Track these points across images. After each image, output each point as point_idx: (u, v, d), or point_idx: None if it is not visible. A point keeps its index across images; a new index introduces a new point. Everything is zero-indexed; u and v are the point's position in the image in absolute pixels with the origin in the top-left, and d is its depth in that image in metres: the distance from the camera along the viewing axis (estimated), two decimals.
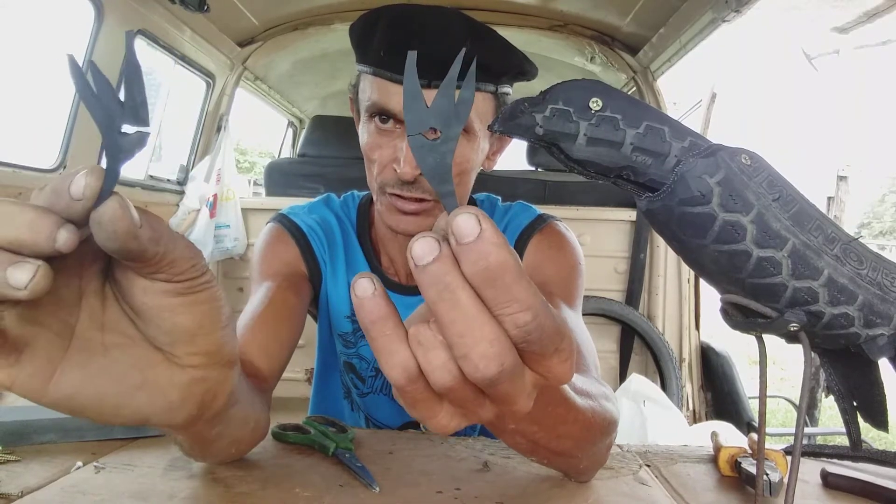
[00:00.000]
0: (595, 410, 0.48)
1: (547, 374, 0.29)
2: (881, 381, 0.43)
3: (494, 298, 0.25)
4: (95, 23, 1.63)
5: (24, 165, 1.55)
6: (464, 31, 0.71)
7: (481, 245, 0.24)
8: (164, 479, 0.55)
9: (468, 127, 0.74)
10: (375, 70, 0.73)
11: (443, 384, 0.27)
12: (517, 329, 0.26)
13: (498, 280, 0.25)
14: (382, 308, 0.27)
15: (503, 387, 0.27)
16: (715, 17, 1.65)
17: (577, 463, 0.54)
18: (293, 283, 0.81)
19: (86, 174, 0.25)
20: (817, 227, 0.36)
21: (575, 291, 0.83)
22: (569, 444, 0.48)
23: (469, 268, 0.25)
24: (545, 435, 0.44)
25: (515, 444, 0.45)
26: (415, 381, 0.27)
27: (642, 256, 2.35)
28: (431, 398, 0.28)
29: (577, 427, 0.46)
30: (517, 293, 0.25)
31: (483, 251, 0.24)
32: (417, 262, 0.25)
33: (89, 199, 0.25)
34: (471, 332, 0.25)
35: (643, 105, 0.38)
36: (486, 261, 0.25)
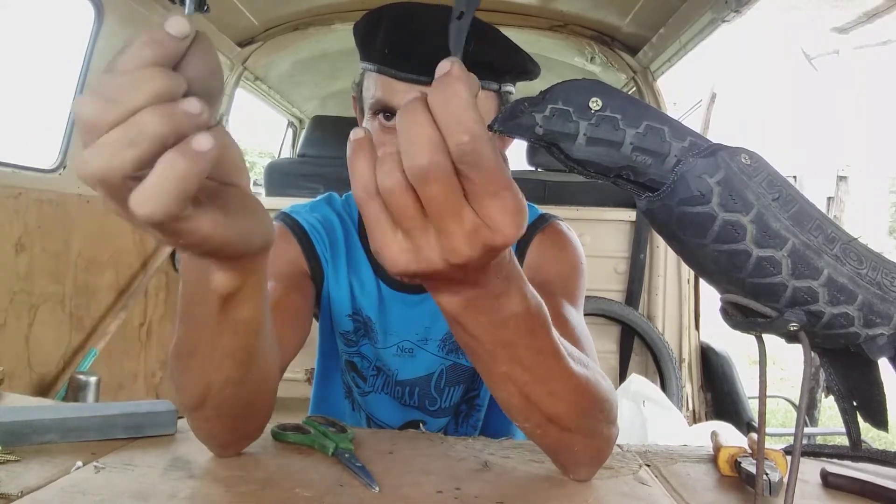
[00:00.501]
0: (588, 379, 0.50)
1: (487, 217, 0.32)
2: (881, 381, 0.43)
3: (443, 119, 0.31)
4: (95, 23, 1.63)
5: (24, 165, 1.55)
6: None
7: (445, 78, 0.31)
8: (164, 479, 0.55)
9: None
10: (380, 68, 0.73)
11: (386, 186, 0.32)
12: (455, 147, 0.31)
13: (450, 105, 0.31)
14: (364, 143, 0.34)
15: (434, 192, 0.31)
16: (715, 17, 1.65)
17: (571, 441, 0.53)
18: (296, 282, 0.81)
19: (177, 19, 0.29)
20: (817, 227, 0.36)
21: (577, 290, 0.83)
22: (562, 408, 0.48)
23: (431, 96, 0.31)
24: (537, 388, 0.45)
25: (509, 397, 0.46)
26: (372, 196, 0.33)
27: (642, 256, 2.35)
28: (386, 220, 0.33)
29: (569, 387, 0.47)
30: (463, 119, 0.31)
31: (444, 83, 0.31)
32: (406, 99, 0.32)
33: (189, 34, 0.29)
34: (416, 137, 0.31)
35: (643, 105, 0.38)
36: (444, 89, 0.31)
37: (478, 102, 0.86)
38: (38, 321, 1.63)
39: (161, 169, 0.28)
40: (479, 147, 0.31)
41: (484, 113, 0.76)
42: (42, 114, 1.80)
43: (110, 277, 1.96)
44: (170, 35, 0.28)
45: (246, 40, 2.31)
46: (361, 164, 0.33)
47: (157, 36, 0.28)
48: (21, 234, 1.55)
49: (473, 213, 0.32)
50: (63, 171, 1.66)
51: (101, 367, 1.83)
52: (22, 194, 1.53)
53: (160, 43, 0.28)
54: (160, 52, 0.28)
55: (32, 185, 1.57)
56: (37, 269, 1.61)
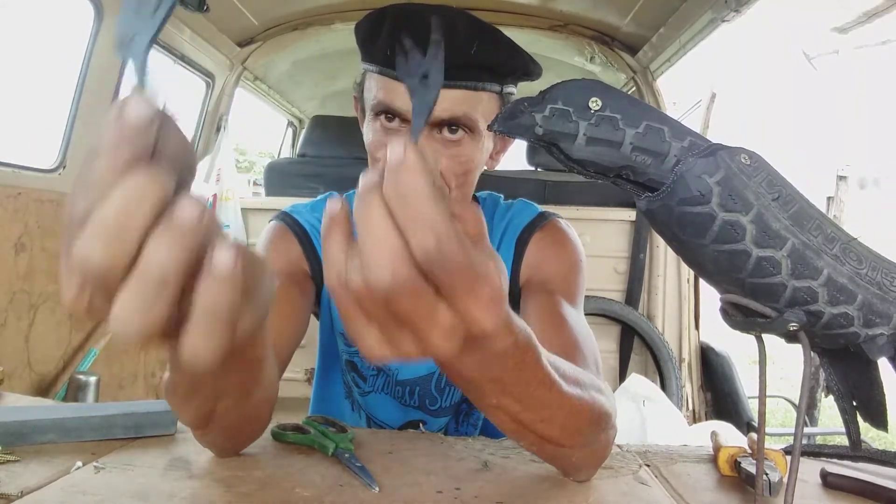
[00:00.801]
0: (584, 400, 0.48)
1: (463, 313, 0.30)
2: (881, 381, 0.43)
3: (403, 218, 0.27)
4: (95, 23, 1.63)
5: (24, 165, 1.55)
6: (470, 30, 0.72)
7: (399, 168, 0.27)
8: (164, 479, 0.55)
9: (472, 126, 0.74)
10: (381, 69, 0.73)
11: (353, 286, 0.29)
12: (419, 250, 0.27)
13: (408, 201, 0.27)
14: (340, 222, 0.30)
15: (403, 304, 0.28)
16: (714, 17, 1.65)
17: (567, 455, 0.53)
18: (297, 282, 0.81)
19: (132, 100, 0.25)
20: (817, 227, 0.36)
21: (576, 288, 0.83)
22: (555, 431, 0.48)
23: (387, 187, 0.28)
24: (529, 416, 0.44)
25: (501, 423, 0.46)
26: (344, 286, 0.30)
27: (642, 256, 2.35)
28: (359, 314, 0.30)
29: (562, 413, 0.46)
30: (424, 217, 0.27)
31: (399, 174, 0.27)
32: (359, 190, 0.28)
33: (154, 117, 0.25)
34: (375, 243, 0.28)
35: (643, 105, 0.38)
36: (400, 182, 0.27)
37: (481, 104, 0.85)
38: (38, 321, 1.63)
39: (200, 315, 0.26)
40: (447, 248, 0.28)
41: (486, 114, 0.76)
42: (42, 114, 1.80)
43: None
44: (136, 125, 0.25)
45: (246, 40, 2.31)
46: (334, 248, 0.30)
47: (124, 129, 0.25)
48: (21, 234, 1.55)
49: (448, 310, 0.30)
50: (63, 171, 1.66)
51: (101, 367, 1.83)
52: (22, 194, 1.53)
53: (132, 138, 0.25)
54: (135, 147, 0.25)
55: (32, 185, 1.57)
56: (37, 269, 1.61)
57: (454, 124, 0.74)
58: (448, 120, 0.73)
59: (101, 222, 0.24)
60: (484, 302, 0.30)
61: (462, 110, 0.73)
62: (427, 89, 0.32)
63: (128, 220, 0.24)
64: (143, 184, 0.24)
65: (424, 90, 0.32)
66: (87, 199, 0.25)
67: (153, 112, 0.25)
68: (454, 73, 0.71)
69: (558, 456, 0.55)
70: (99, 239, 0.24)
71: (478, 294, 0.29)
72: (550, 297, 0.78)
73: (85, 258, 0.24)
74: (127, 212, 0.24)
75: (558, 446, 0.51)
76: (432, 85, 0.32)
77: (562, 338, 0.70)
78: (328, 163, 2.32)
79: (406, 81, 0.32)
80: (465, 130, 0.75)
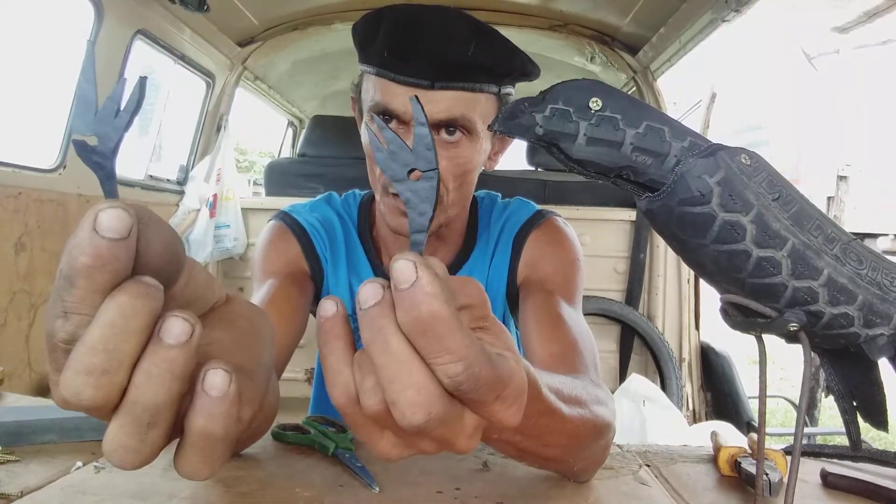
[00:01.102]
0: (584, 418, 0.48)
1: (489, 418, 0.29)
2: (881, 381, 0.43)
3: (426, 347, 0.25)
4: (95, 23, 1.63)
5: (24, 165, 1.55)
6: (467, 31, 0.71)
7: (414, 293, 0.24)
8: (164, 479, 0.55)
9: (470, 127, 0.74)
10: (378, 70, 0.73)
11: (372, 410, 0.27)
12: (448, 379, 0.26)
13: (429, 330, 0.25)
14: (337, 329, 0.28)
15: (436, 432, 0.27)
16: (715, 17, 1.65)
17: (569, 466, 0.53)
18: (296, 281, 0.81)
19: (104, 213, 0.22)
20: (817, 227, 0.36)
21: (574, 287, 0.83)
22: (557, 452, 0.47)
23: (402, 315, 0.25)
24: (531, 444, 0.44)
25: (502, 451, 0.45)
26: (354, 404, 0.28)
27: (642, 256, 2.35)
28: (371, 424, 0.29)
29: (563, 436, 0.46)
30: (449, 344, 0.25)
31: (415, 300, 0.25)
32: (361, 306, 0.26)
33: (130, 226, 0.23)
34: (399, 378, 0.25)
35: (643, 105, 0.38)
36: (418, 310, 0.25)
37: (479, 105, 0.85)
38: (38, 321, 1.63)
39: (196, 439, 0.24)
40: (475, 370, 0.26)
41: (484, 115, 0.76)
42: (42, 114, 1.80)
43: None
44: (113, 240, 0.22)
45: (246, 40, 2.31)
46: (336, 363, 0.27)
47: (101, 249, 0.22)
48: (21, 234, 1.55)
49: (473, 416, 0.28)
50: (63, 171, 1.66)
51: None
52: (22, 194, 1.53)
53: (109, 259, 0.22)
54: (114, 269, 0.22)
55: (32, 185, 1.57)
56: (37, 268, 1.61)
57: (452, 126, 0.73)
58: (446, 121, 0.72)
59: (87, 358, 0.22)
60: (511, 401, 0.28)
61: (460, 111, 0.72)
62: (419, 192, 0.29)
63: (116, 353, 0.22)
64: (129, 306, 0.22)
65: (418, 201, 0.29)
66: (66, 328, 0.23)
67: (130, 222, 0.22)
68: (451, 74, 0.70)
69: (560, 469, 0.55)
70: (87, 377, 0.22)
71: (504, 397, 0.28)
72: (549, 297, 0.78)
73: (74, 397, 0.22)
74: (114, 343, 0.22)
75: (561, 462, 0.51)
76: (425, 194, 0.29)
77: (560, 339, 0.69)
78: (328, 163, 2.32)
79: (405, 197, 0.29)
80: (463, 132, 0.74)
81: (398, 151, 0.29)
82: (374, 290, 0.26)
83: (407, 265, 0.25)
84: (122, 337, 0.22)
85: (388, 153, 0.29)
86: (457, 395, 0.27)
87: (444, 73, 0.70)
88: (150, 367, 0.23)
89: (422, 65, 0.70)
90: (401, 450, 0.30)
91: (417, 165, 0.29)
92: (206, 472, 0.25)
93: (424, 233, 0.29)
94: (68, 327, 0.23)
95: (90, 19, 1.62)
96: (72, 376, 0.22)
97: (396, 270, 0.25)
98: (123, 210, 0.22)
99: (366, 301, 0.25)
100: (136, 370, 0.23)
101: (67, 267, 0.22)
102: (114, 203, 0.22)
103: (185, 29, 1.98)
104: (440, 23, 0.71)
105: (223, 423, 0.24)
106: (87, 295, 0.22)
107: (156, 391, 0.23)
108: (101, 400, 0.22)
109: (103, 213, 0.22)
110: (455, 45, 0.70)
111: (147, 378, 0.23)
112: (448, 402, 0.26)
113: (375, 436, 0.29)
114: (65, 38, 1.75)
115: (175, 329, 0.23)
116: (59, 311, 0.23)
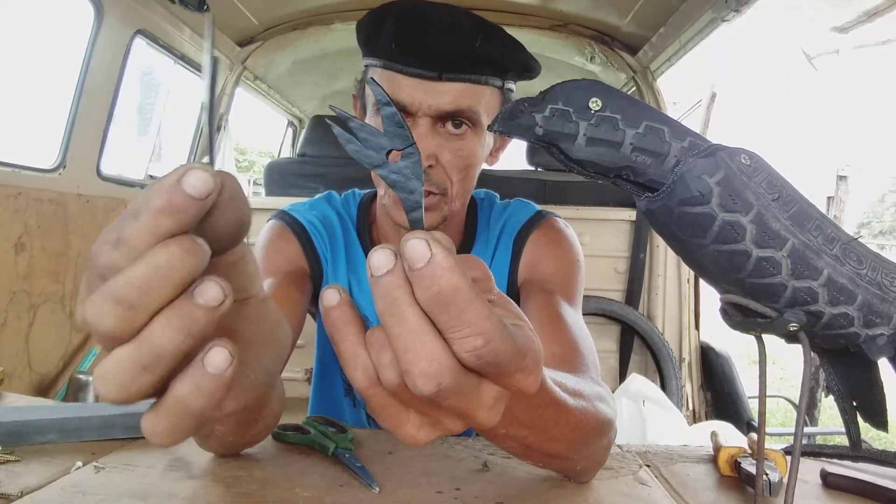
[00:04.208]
0: (587, 411, 0.48)
1: (510, 388, 0.29)
2: (881, 381, 0.43)
3: (446, 322, 0.25)
4: (95, 23, 1.63)
5: (24, 165, 1.55)
6: (472, 25, 0.73)
7: (432, 270, 0.25)
8: (164, 479, 0.55)
9: (475, 120, 0.75)
10: (386, 63, 0.73)
11: (394, 385, 0.27)
12: (469, 353, 0.26)
13: (449, 305, 0.25)
14: (347, 315, 0.28)
15: (449, 403, 0.27)
16: (715, 16, 1.65)
17: (573, 465, 0.54)
18: (295, 280, 0.81)
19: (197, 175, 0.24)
20: (817, 227, 0.36)
21: (574, 288, 0.83)
22: (562, 447, 0.48)
23: (421, 292, 0.25)
24: (537, 438, 0.44)
25: (508, 448, 0.45)
26: (376, 384, 0.28)
27: (642, 256, 2.35)
28: (395, 404, 0.29)
29: (568, 429, 0.46)
30: (469, 317, 0.25)
31: (433, 276, 0.25)
32: (373, 273, 0.26)
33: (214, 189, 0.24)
34: (413, 348, 0.26)
35: (643, 105, 0.38)
36: (437, 286, 0.25)
37: (483, 98, 0.85)
38: (38, 321, 1.63)
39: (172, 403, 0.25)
40: (496, 344, 0.26)
41: (488, 109, 0.77)
42: (42, 114, 1.80)
43: None
44: (191, 197, 0.23)
45: (246, 40, 2.31)
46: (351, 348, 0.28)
47: (177, 199, 0.23)
48: (21, 234, 1.55)
49: (493, 387, 0.29)
50: (63, 171, 1.66)
51: None
52: (22, 194, 1.53)
53: (179, 211, 0.23)
54: (179, 221, 0.24)
55: (32, 185, 1.57)
56: (37, 268, 1.61)
57: (457, 118, 0.74)
58: (452, 112, 0.73)
59: (121, 289, 0.23)
60: (531, 369, 0.29)
61: (466, 103, 0.73)
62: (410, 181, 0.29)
63: (148, 294, 0.23)
64: (178, 258, 0.23)
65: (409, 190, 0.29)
66: (112, 255, 0.24)
67: (211, 188, 0.24)
68: (458, 66, 0.72)
69: (563, 467, 0.55)
70: (114, 306, 0.23)
71: (524, 367, 0.28)
72: (550, 298, 0.78)
73: (95, 320, 0.23)
74: (151, 286, 0.23)
75: (565, 459, 0.51)
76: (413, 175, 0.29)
77: (561, 340, 0.70)
78: (328, 163, 2.32)
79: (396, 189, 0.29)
80: (468, 125, 0.75)
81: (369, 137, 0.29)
82: (386, 256, 0.25)
83: (420, 243, 0.25)
84: (161, 282, 0.23)
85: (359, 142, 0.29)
86: (478, 368, 0.27)
87: (451, 65, 0.71)
88: (172, 317, 0.24)
89: (429, 57, 0.71)
90: (427, 431, 0.30)
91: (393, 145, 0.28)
92: (167, 439, 0.25)
93: (420, 209, 0.29)
94: (115, 255, 0.24)
95: (90, 19, 1.62)
96: (100, 301, 0.23)
97: (410, 250, 0.25)
98: (211, 176, 0.24)
99: (378, 269, 0.25)
100: (157, 316, 0.24)
101: (140, 203, 0.24)
102: (207, 168, 0.24)
103: (184, 29, 1.98)
104: (446, 17, 0.72)
105: (205, 400, 0.25)
106: (145, 233, 0.23)
107: (167, 340, 0.23)
108: (117, 331, 0.23)
109: (193, 172, 0.23)
110: (461, 38, 0.71)
111: (165, 326, 0.23)
112: (461, 373, 0.27)
113: (401, 418, 0.29)
114: (65, 38, 1.75)
115: (209, 293, 0.24)
116: (113, 239, 0.24)
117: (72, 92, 1.64)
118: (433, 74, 0.71)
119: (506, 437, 0.42)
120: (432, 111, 0.72)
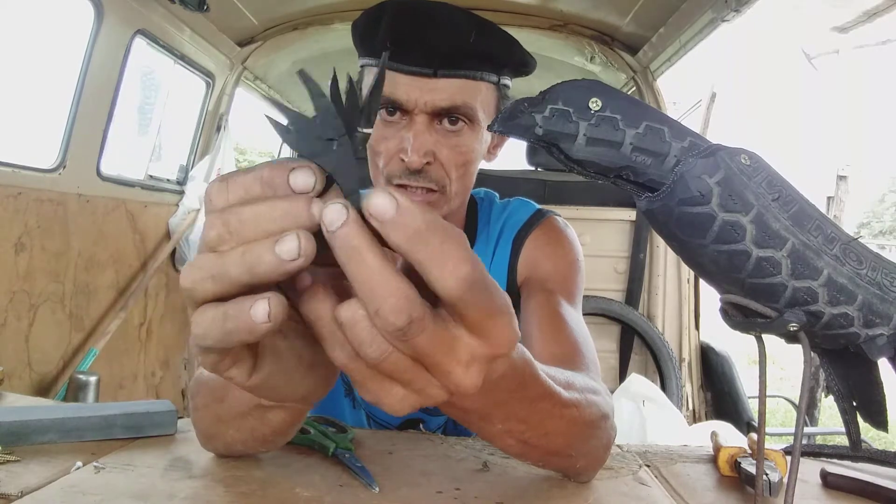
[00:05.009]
0: (580, 402, 0.48)
1: (484, 337, 0.29)
2: (881, 381, 0.43)
3: (430, 257, 0.26)
4: (95, 23, 1.63)
5: (24, 165, 1.55)
6: (467, 22, 0.73)
7: (405, 213, 0.25)
8: (164, 479, 0.55)
9: (471, 116, 0.75)
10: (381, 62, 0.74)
11: (371, 357, 0.28)
12: (459, 280, 0.26)
13: (431, 239, 0.26)
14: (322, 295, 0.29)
15: (423, 344, 0.27)
16: (715, 16, 1.65)
17: (573, 462, 0.53)
18: None
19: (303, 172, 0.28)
20: (817, 227, 0.36)
21: (574, 287, 0.83)
22: (560, 442, 0.48)
23: (399, 236, 0.26)
24: (534, 433, 0.44)
25: (507, 448, 0.45)
26: (356, 359, 0.29)
27: (642, 256, 2.35)
28: (377, 375, 0.29)
29: (564, 422, 0.46)
30: (451, 248, 0.26)
31: (411, 216, 0.25)
32: (328, 228, 0.26)
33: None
34: (380, 287, 0.26)
35: (643, 105, 0.38)
36: (416, 222, 0.25)
37: (479, 94, 0.86)
38: (38, 321, 1.63)
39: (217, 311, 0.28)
40: (482, 274, 0.27)
41: (485, 105, 0.77)
42: (42, 114, 1.80)
43: (110, 277, 1.96)
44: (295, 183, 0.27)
45: (246, 40, 2.31)
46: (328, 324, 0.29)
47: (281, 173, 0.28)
48: (21, 234, 1.55)
49: (469, 338, 0.29)
50: (63, 171, 1.66)
51: (101, 367, 1.83)
52: (22, 194, 1.53)
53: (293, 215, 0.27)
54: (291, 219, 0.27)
55: (32, 185, 1.57)
56: (37, 268, 1.61)
57: (454, 114, 0.74)
58: (448, 109, 0.73)
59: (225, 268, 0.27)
60: (507, 320, 0.29)
61: (462, 99, 0.73)
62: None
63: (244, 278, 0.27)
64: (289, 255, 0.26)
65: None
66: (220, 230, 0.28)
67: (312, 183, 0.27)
68: (454, 62, 0.72)
69: (563, 465, 0.55)
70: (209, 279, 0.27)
71: (505, 314, 0.29)
72: (550, 297, 0.78)
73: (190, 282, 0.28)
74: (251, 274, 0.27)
75: (564, 457, 0.51)
76: None
77: (562, 340, 0.70)
78: None
79: None
80: (465, 121, 0.75)
81: (305, 128, 0.29)
82: (339, 210, 0.26)
83: (383, 194, 0.26)
84: (257, 270, 0.26)
85: (295, 134, 0.29)
86: (466, 300, 0.27)
87: (447, 61, 0.72)
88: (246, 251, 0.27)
89: (425, 53, 0.71)
90: (413, 398, 0.30)
91: (326, 134, 0.28)
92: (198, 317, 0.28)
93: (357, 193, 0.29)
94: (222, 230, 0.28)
95: (90, 19, 1.63)
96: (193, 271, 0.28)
97: (377, 205, 0.25)
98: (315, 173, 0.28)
99: (332, 223, 0.26)
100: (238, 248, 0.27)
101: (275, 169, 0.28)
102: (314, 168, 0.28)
103: (184, 29, 1.98)
104: (441, 14, 0.73)
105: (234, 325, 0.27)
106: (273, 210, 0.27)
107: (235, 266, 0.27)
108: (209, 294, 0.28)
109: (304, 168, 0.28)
110: (456, 34, 0.71)
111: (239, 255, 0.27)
112: (429, 308, 0.27)
113: (384, 387, 0.30)
114: (65, 38, 1.75)
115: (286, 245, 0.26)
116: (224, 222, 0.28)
117: (72, 92, 1.64)
118: (429, 71, 0.71)
119: (503, 433, 0.42)
120: (428, 108, 0.72)
